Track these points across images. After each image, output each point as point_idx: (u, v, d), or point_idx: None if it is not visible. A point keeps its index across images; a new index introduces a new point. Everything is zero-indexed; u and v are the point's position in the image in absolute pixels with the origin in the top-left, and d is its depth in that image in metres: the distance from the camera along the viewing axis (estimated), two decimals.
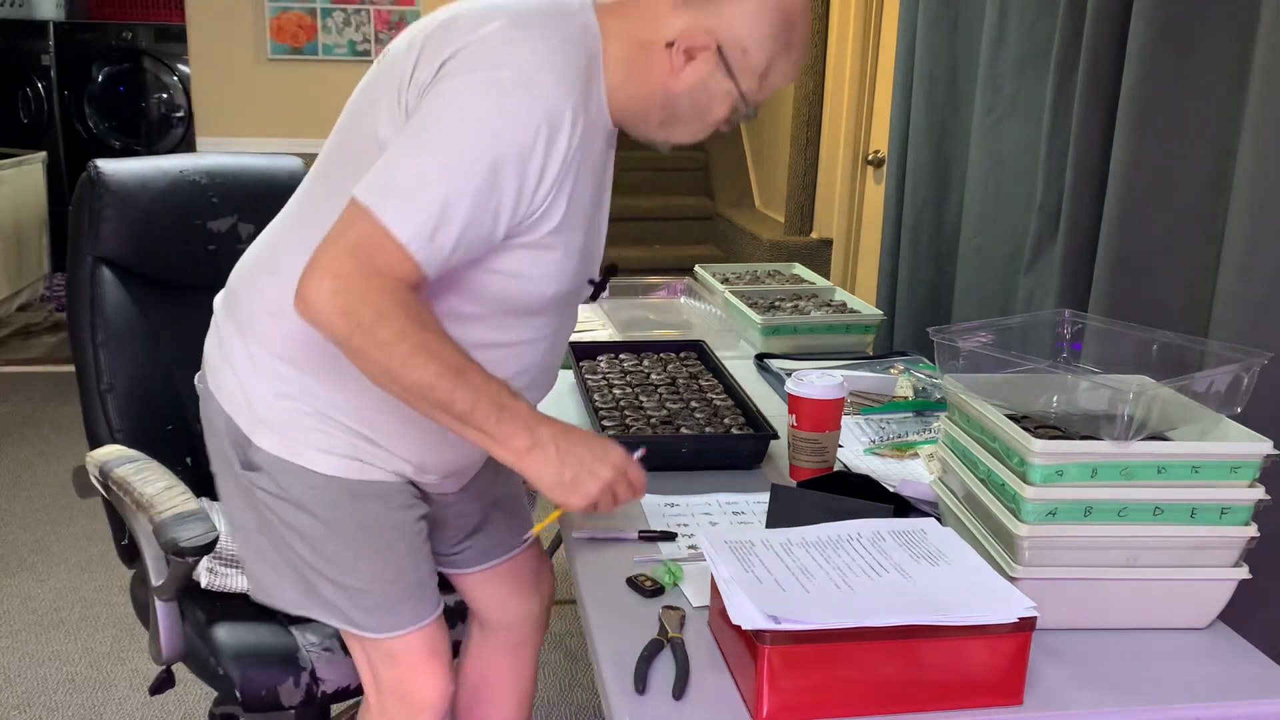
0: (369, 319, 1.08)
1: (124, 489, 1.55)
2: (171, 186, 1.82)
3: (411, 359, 1.10)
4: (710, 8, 1.18)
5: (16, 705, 2.36)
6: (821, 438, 1.60)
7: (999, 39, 2.13)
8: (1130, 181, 1.67)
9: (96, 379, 1.74)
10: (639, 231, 6.11)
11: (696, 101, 1.23)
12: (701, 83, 1.21)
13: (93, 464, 1.64)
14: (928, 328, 1.47)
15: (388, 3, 4.76)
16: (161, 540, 1.47)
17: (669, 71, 1.20)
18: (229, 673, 1.55)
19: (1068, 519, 1.17)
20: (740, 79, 1.21)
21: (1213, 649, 1.19)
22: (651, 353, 2.12)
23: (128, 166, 1.79)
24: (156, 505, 1.50)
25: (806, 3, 1.22)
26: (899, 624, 1.01)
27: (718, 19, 1.18)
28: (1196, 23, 1.58)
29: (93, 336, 1.74)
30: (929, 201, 2.45)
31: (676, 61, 1.20)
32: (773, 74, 1.23)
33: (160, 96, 6.00)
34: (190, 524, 1.47)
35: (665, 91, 1.22)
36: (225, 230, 1.87)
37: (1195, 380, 1.23)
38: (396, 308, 1.09)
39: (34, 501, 3.38)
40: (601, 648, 1.16)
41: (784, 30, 1.20)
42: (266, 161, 1.98)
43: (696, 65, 1.20)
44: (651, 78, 1.21)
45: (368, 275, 1.09)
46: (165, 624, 1.59)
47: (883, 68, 4.10)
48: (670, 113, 1.24)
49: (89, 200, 1.74)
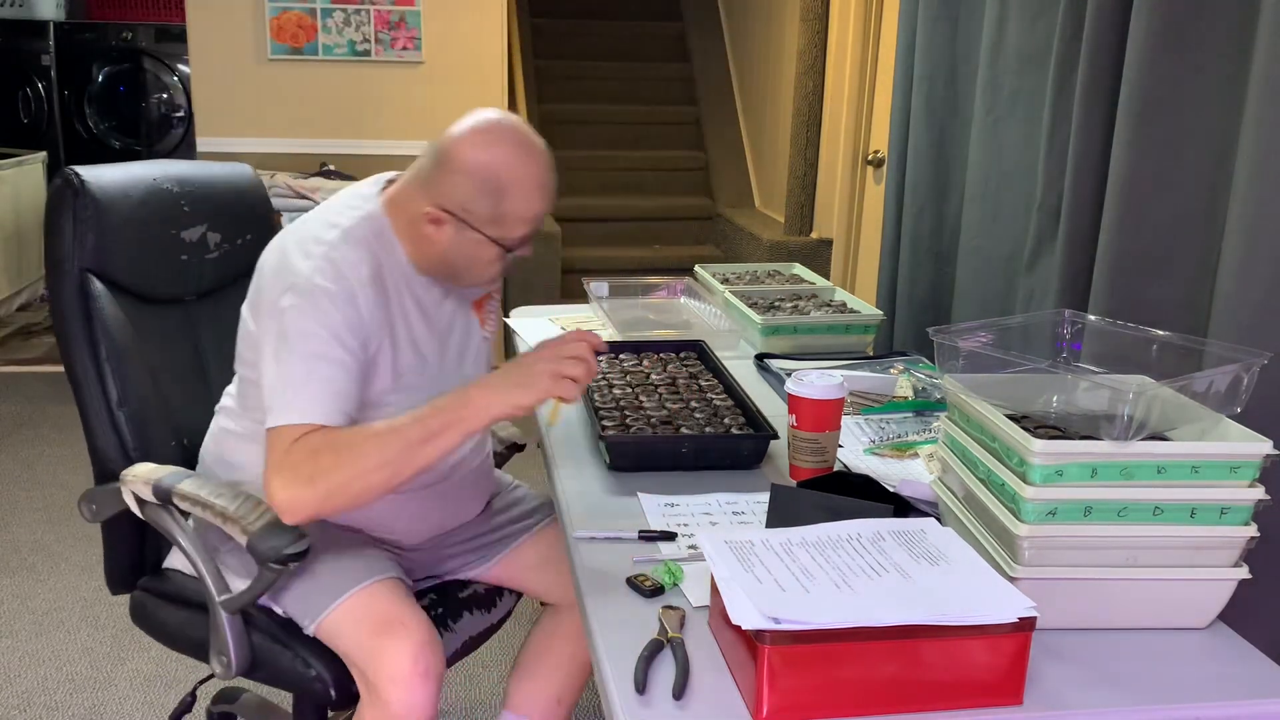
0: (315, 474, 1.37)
1: (199, 504, 1.54)
2: (148, 195, 1.78)
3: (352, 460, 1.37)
4: (432, 186, 1.50)
5: (16, 705, 2.36)
6: (821, 438, 1.60)
7: (999, 39, 2.13)
8: (1130, 182, 1.67)
9: (104, 396, 1.69)
10: (639, 231, 6.11)
11: (461, 254, 1.52)
12: (454, 239, 1.51)
13: (139, 483, 1.60)
14: (928, 328, 1.47)
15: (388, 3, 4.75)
16: (261, 549, 1.46)
17: (433, 238, 1.51)
18: (322, 673, 1.57)
19: (1067, 519, 1.17)
20: (481, 228, 1.49)
21: (1213, 649, 1.19)
22: (651, 353, 2.12)
23: (108, 175, 1.74)
24: (247, 516, 1.49)
25: (510, 155, 1.48)
26: (899, 624, 1.02)
27: (438, 191, 1.49)
28: (1196, 23, 1.58)
29: (94, 352, 1.69)
30: (929, 201, 2.45)
31: (429, 230, 1.51)
32: (508, 216, 1.49)
33: (160, 96, 6.00)
34: (284, 532, 1.46)
35: (438, 253, 1.53)
36: (196, 240, 1.83)
37: (1195, 380, 1.23)
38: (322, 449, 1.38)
39: (34, 501, 3.39)
40: (601, 648, 1.16)
41: (490, 183, 1.47)
42: (222, 169, 1.95)
43: (443, 228, 1.50)
44: (426, 244, 1.53)
45: (285, 454, 1.38)
46: (235, 636, 1.58)
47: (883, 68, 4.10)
48: (451, 267, 1.55)
49: (75, 209, 1.69)
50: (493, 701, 2.42)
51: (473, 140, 1.48)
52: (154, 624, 1.76)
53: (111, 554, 1.80)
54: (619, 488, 1.58)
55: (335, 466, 1.37)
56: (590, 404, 1.79)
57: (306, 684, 1.59)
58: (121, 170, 1.77)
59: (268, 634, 1.61)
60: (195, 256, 1.83)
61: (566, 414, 1.89)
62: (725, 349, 2.26)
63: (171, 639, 1.74)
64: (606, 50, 6.80)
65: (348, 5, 4.73)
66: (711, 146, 6.41)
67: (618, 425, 1.71)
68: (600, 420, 1.72)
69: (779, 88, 5.47)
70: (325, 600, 1.56)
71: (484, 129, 1.49)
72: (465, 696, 2.45)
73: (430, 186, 1.50)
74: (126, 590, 1.81)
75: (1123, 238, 1.69)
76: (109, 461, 1.71)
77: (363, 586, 1.56)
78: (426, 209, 1.49)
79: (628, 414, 1.76)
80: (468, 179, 1.47)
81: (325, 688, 1.58)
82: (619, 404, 1.81)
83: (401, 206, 1.54)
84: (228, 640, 1.58)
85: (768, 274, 2.76)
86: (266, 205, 1.99)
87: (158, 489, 1.58)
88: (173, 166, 1.85)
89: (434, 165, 1.50)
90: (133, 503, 1.63)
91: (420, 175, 1.52)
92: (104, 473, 1.72)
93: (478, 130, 1.49)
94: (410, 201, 1.52)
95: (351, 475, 1.37)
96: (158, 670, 2.50)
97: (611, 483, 1.60)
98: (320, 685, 1.58)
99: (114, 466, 1.69)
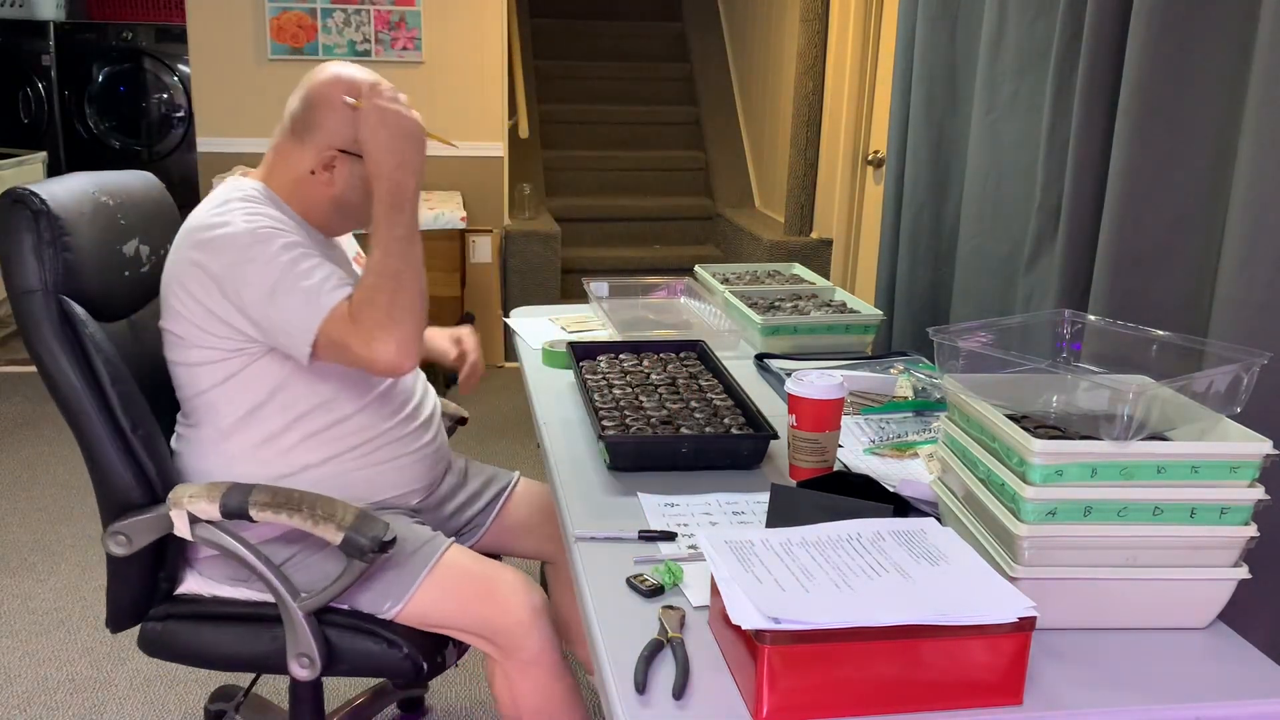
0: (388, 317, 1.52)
1: (286, 508, 1.53)
2: (95, 210, 1.67)
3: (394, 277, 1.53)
4: (312, 135, 1.64)
5: (17, 705, 2.37)
6: (821, 438, 1.60)
7: (998, 38, 2.13)
8: (1130, 181, 1.67)
9: (114, 426, 1.59)
10: (639, 231, 6.12)
11: (358, 189, 1.66)
12: (348, 177, 1.66)
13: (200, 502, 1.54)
14: (928, 328, 1.48)
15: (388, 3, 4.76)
16: (359, 541, 1.51)
17: (326, 187, 1.66)
18: (412, 652, 1.63)
19: (1067, 519, 1.17)
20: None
21: (1213, 649, 1.19)
22: (651, 353, 2.12)
23: (60, 192, 1.62)
24: (337, 513, 1.52)
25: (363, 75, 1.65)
26: (899, 624, 1.02)
27: (321, 138, 1.64)
28: (1196, 23, 1.58)
29: (94, 380, 1.58)
30: (928, 201, 2.45)
31: (324, 178, 1.66)
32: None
33: (160, 96, 6.00)
34: (374, 522, 1.54)
35: (332, 200, 1.68)
36: (132, 254, 1.75)
37: (1195, 380, 1.23)
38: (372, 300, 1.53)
39: (34, 501, 3.39)
40: (601, 648, 1.16)
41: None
42: (137, 179, 1.85)
43: (339, 169, 1.65)
44: (318, 197, 1.68)
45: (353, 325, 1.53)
46: (315, 634, 1.59)
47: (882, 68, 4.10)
48: (345, 208, 1.69)
49: (38, 230, 1.56)
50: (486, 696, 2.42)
51: (336, 82, 1.64)
52: (182, 649, 1.70)
53: (122, 587, 1.70)
54: (619, 488, 1.58)
55: (392, 302, 1.52)
56: (590, 404, 1.79)
57: (395, 665, 1.63)
58: (62, 185, 1.66)
59: (344, 628, 1.63)
60: (133, 271, 1.75)
61: (566, 413, 1.89)
62: (725, 349, 2.26)
63: (208, 659, 1.70)
64: (606, 50, 6.80)
65: (348, 5, 4.73)
66: (711, 146, 6.41)
67: (618, 425, 1.71)
68: (600, 420, 1.72)
69: (779, 88, 5.47)
70: (405, 581, 1.62)
71: (341, 71, 1.66)
72: (466, 696, 2.45)
73: (310, 137, 1.64)
74: (132, 624, 1.73)
75: (1123, 237, 1.69)
76: (124, 493, 1.60)
77: (438, 557, 1.65)
78: (317, 156, 1.64)
79: (628, 414, 1.76)
80: (340, 111, 1.62)
81: (417, 664, 1.63)
82: (619, 404, 1.81)
83: (280, 173, 1.67)
84: (311, 641, 1.58)
85: (768, 274, 2.76)
86: (176, 216, 1.89)
87: (227, 506, 1.53)
88: (103, 178, 1.75)
89: (307, 120, 1.64)
90: (184, 525, 1.57)
91: (293, 137, 1.66)
92: (120, 505, 1.61)
93: (338, 75, 1.65)
94: (289, 165, 1.66)
95: (407, 297, 1.53)
96: (158, 670, 2.50)
97: (611, 483, 1.60)
98: (410, 664, 1.62)
99: (132, 497, 1.61)
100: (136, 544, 1.60)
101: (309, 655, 1.59)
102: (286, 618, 1.59)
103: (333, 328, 1.53)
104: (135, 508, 1.61)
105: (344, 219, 1.72)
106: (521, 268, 5.09)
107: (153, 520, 1.60)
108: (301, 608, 1.58)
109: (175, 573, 1.72)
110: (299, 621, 1.58)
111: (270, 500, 1.54)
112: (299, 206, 1.68)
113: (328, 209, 1.69)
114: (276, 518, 1.54)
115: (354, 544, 1.51)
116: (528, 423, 1.85)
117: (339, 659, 1.63)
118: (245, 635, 1.67)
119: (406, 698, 2.35)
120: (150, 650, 1.72)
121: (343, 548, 1.52)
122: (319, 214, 1.70)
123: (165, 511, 1.58)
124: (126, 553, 1.60)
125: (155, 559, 1.68)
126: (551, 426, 1.84)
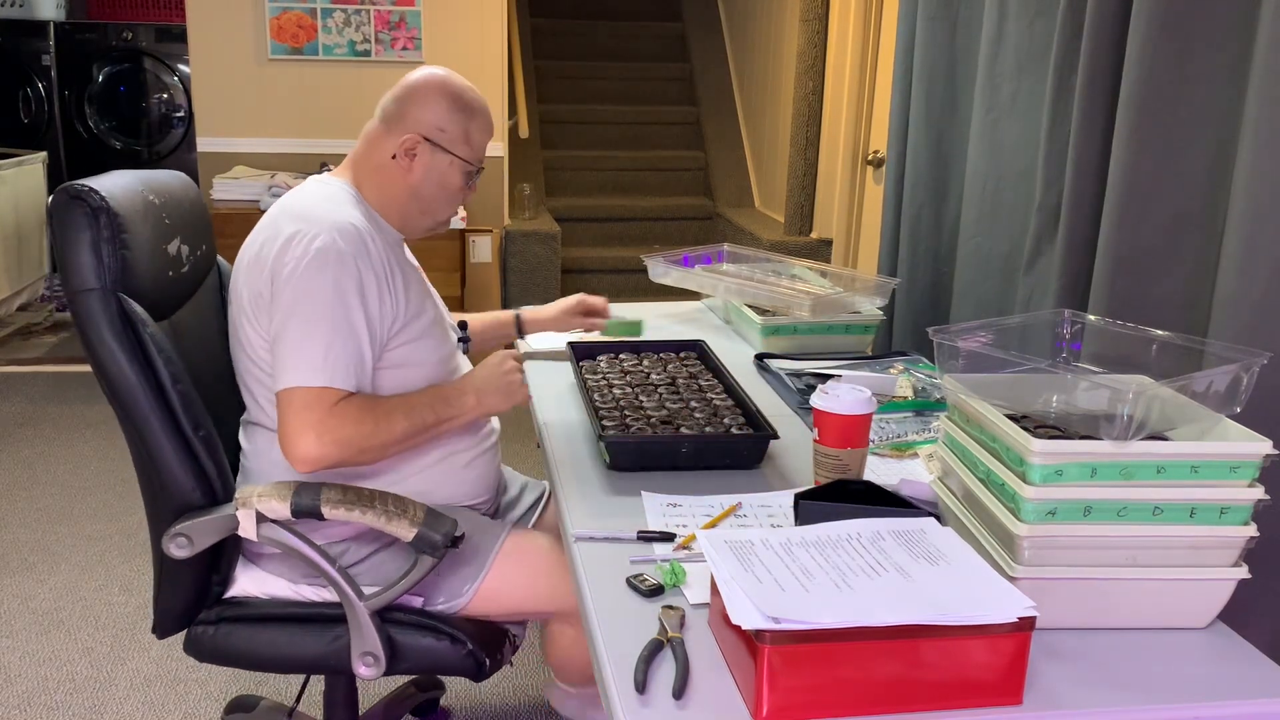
0: (352, 437, 1.52)
1: (360, 506, 1.53)
2: (145, 208, 1.64)
3: (386, 431, 1.55)
4: (404, 120, 1.67)
5: (16, 705, 2.37)
6: (844, 454, 1.52)
7: (998, 38, 2.13)
8: (1130, 181, 1.67)
9: (175, 426, 1.55)
10: (639, 231, 6.11)
11: (431, 181, 1.69)
12: (427, 166, 1.68)
13: (271, 502, 1.52)
14: (927, 328, 1.47)
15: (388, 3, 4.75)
16: (432, 537, 1.52)
17: (405, 174, 1.68)
18: (475, 650, 1.62)
19: (1067, 519, 1.17)
20: (453, 149, 1.68)
21: (1213, 649, 1.19)
22: (651, 353, 2.12)
23: (114, 188, 1.58)
24: (409, 510, 1.53)
25: (468, 87, 1.72)
26: (899, 624, 1.02)
27: (412, 122, 1.67)
28: (1196, 23, 1.58)
29: (155, 380, 1.53)
30: (928, 201, 2.45)
31: (404, 164, 1.67)
32: (473, 134, 1.71)
33: (160, 96, 6.00)
34: (444, 518, 1.55)
35: (409, 188, 1.69)
36: (175, 254, 1.71)
37: (1195, 380, 1.23)
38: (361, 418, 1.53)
39: (34, 501, 3.39)
40: (601, 648, 1.16)
41: (458, 101, 1.69)
42: (174, 179, 1.82)
43: (420, 157, 1.67)
44: (396, 186, 1.69)
45: (326, 414, 1.50)
46: (380, 633, 1.58)
47: (883, 68, 4.10)
48: (421, 201, 1.70)
49: (97, 227, 1.52)
50: (493, 701, 2.42)
51: (432, 75, 1.71)
52: (236, 652, 1.66)
53: (174, 591, 1.66)
54: (619, 488, 1.58)
55: (372, 434, 1.53)
56: (590, 404, 1.79)
57: (458, 662, 1.62)
58: (114, 181, 1.62)
59: (406, 625, 1.62)
60: (176, 271, 1.72)
61: (566, 413, 1.89)
62: (725, 349, 2.25)
63: (264, 661, 1.67)
64: (606, 50, 6.80)
65: (348, 5, 4.73)
66: (711, 146, 6.41)
67: (618, 425, 1.71)
68: (600, 420, 1.72)
69: (779, 88, 5.47)
70: (470, 573, 1.64)
71: (436, 70, 1.72)
72: (467, 695, 2.45)
73: (398, 124, 1.67)
74: (180, 628, 1.69)
75: (1122, 237, 1.69)
76: (184, 495, 1.57)
77: (499, 544, 1.67)
78: (400, 140, 1.66)
79: (628, 414, 1.76)
80: (439, 101, 1.67)
81: (479, 660, 1.62)
82: (619, 404, 1.81)
83: (364, 161, 1.71)
84: (376, 639, 1.57)
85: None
86: (208, 216, 1.89)
87: (299, 504, 1.51)
88: (148, 177, 1.72)
89: (398, 108, 1.68)
90: (251, 526, 1.54)
91: (382, 124, 1.69)
92: (179, 507, 1.57)
93: (433, 72, 1.72)
94: (374, 151, 1.69)
95: (383, 442, 1.55)
96: (158, 670, 2.50)
97: (611, 483, 1.60)
98: (473, 659, 1.62)
99: (192, 499, 1.57)
100: (199, 545, 1.55)
101: (374, 654, 1.58)
102: (352, 617, 1.57)
103: (310, 398, 1.50)
104: (195, 509, 1.57)
105: (420, 213, 1.72)
106: (521, 268, 5.08)
107: (217, 521, 1.55)
108: (368, 606, 1.56)
109: (228, 575, 1.68)
110: (364, 620, 1.56)
111: (342, 498, 1.53)
112: (377, 198, 1.69)
113: (405, 199, 1.69)
114: (349, 515, 1.52)
115: (426, 539, 1.52)
116: (528, 423, 1.84)
117: (401, 657, 1.61)
118: (305, 636, 1.65)
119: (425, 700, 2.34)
120: (199, 654, 1.68)
121: (414, 543, 1.52)
122: (396, 207, 1.70)
123: (231, 512, 1.54)
124: (188, 554, 1.54)
125: (209, 562, 1.64)
126: (552, 426, 1.84)
